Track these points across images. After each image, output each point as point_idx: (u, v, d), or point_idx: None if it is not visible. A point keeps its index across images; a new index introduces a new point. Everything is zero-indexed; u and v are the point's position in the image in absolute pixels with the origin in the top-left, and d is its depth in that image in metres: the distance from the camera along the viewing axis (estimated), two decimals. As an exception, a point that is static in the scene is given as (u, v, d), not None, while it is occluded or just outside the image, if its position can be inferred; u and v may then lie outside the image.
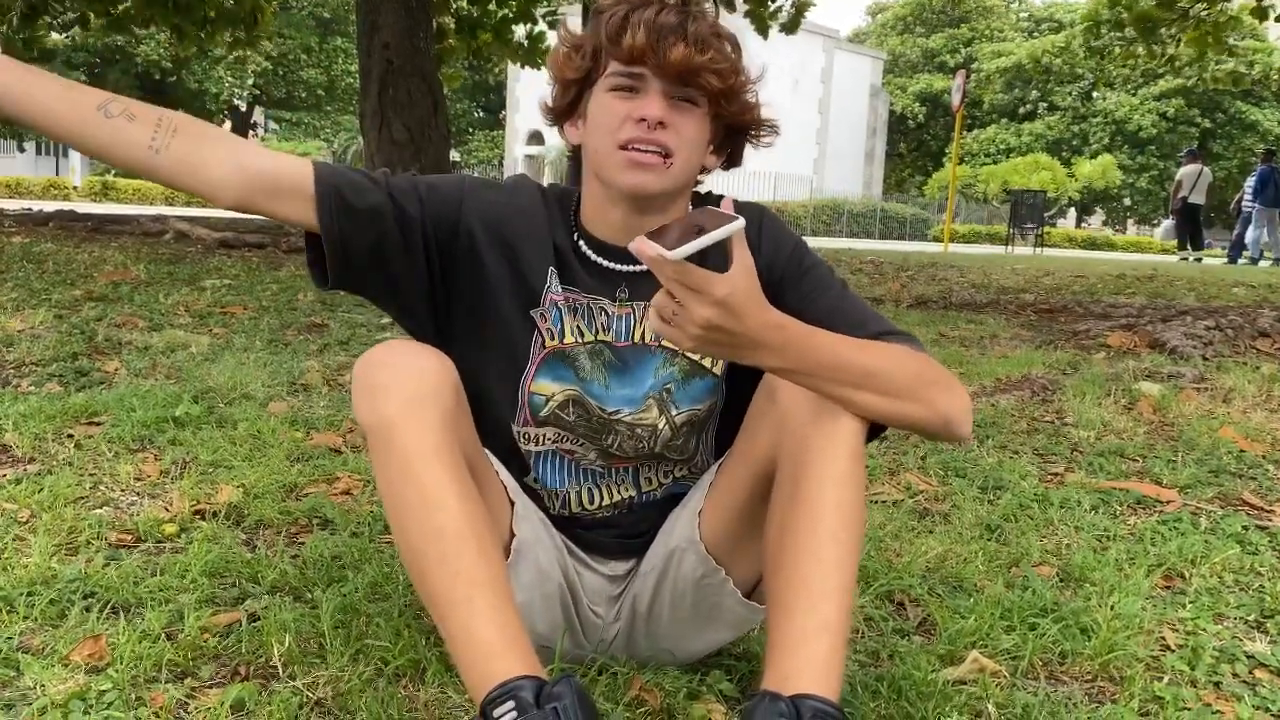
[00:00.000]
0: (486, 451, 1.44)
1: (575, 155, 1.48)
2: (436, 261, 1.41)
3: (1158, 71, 32.14)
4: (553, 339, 1.44)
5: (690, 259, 1.10)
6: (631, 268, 1.44)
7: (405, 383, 1.22)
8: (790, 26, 10.58)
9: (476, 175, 1.50)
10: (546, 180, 1.51)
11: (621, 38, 1.34)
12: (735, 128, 1.45)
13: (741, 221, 1.13)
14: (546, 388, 1.45)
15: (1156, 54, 10.71)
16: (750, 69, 1.41)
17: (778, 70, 31.22)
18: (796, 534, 1.24)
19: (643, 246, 1.10)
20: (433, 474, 1.19)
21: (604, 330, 1.45)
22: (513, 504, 1.43)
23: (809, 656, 1.17)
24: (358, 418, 1.25)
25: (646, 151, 1.34)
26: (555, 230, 1.45)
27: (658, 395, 1.46)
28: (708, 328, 1.13)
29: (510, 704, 1.09)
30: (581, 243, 1.46)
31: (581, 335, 1.45)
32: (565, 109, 1.46)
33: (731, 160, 1.49)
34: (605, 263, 1.45)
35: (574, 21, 1.49)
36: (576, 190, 1.49)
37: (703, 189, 1.51)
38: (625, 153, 1.34)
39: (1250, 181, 16.98)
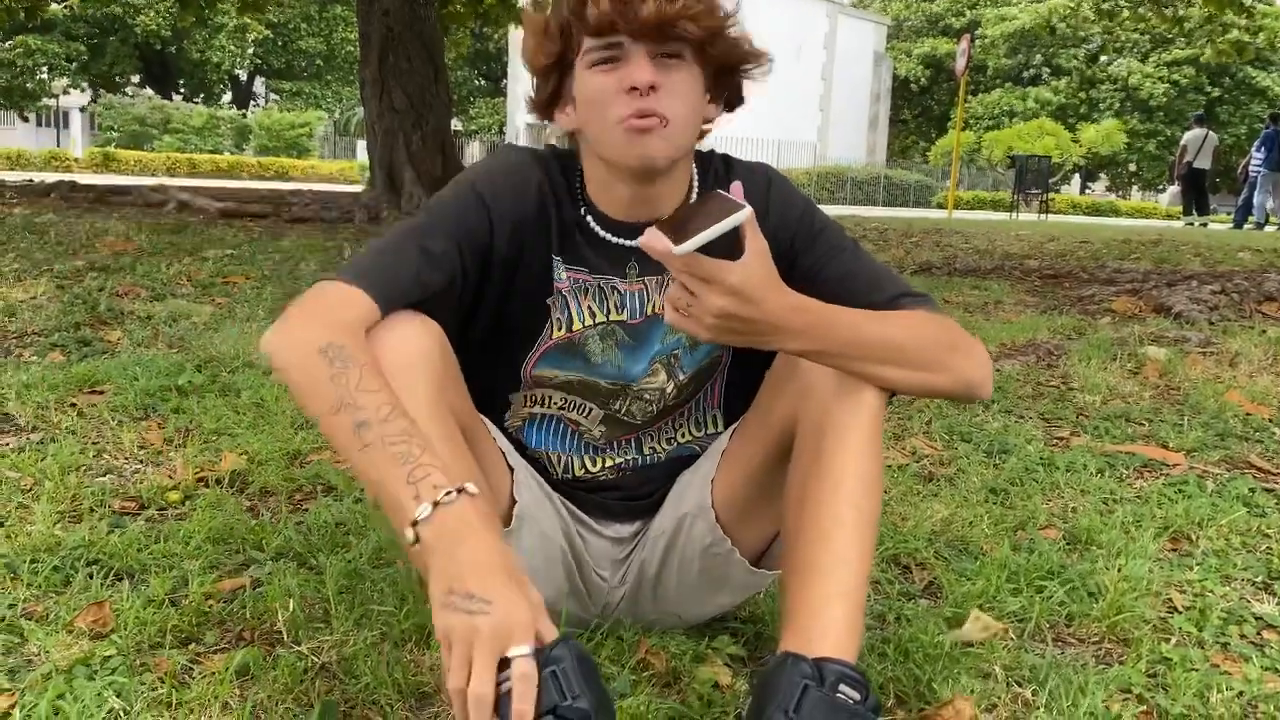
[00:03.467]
0: (485, 419, 1.43)
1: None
2: (475, 284, 1.36)
3: (1167, 36, 31.87)
4: (560, 329, 1.41)
5: (699, 248, 1.08)
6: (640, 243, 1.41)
7: (391, 348, 1.20)
8: None
9: (480, 170, 1.40)
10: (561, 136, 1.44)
11: (585, 9, 1.27)
12: (726, 69, 1.38)
13: (748, 210, 1.11)
14: (549, 373, 1.44)
15: (1166, 17, 10.60)
16: (725, 3, 1.34)
17: (780, 37, 30.96)
18: (819, 501, 1.23)
19: (651, 241, 1.09)
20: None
21: (617, 310, 1.42)
22: (512, 470, 1.42)
23: (830, 620, 1.17)
24: None
25: (645, 119, 1.27)
26: (560, 208, 1.40)
27: (665, 360, 1.44)
28: (723, 316, 1.12)
29: (508, 671, 1.08)
30: (590, 219, 1.40)
31: (594, 316, 1.42)
32: (550, 98, 1.38)
33: (731, 102, 1.42)
34: (614, 239, 1.40)
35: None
36: (578, 158, 1.42)
37: (708, 148, 1.48)
38: (623, 125, 1.28)
39: (1257, 146, 16.86)
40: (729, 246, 1.12)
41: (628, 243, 1.40)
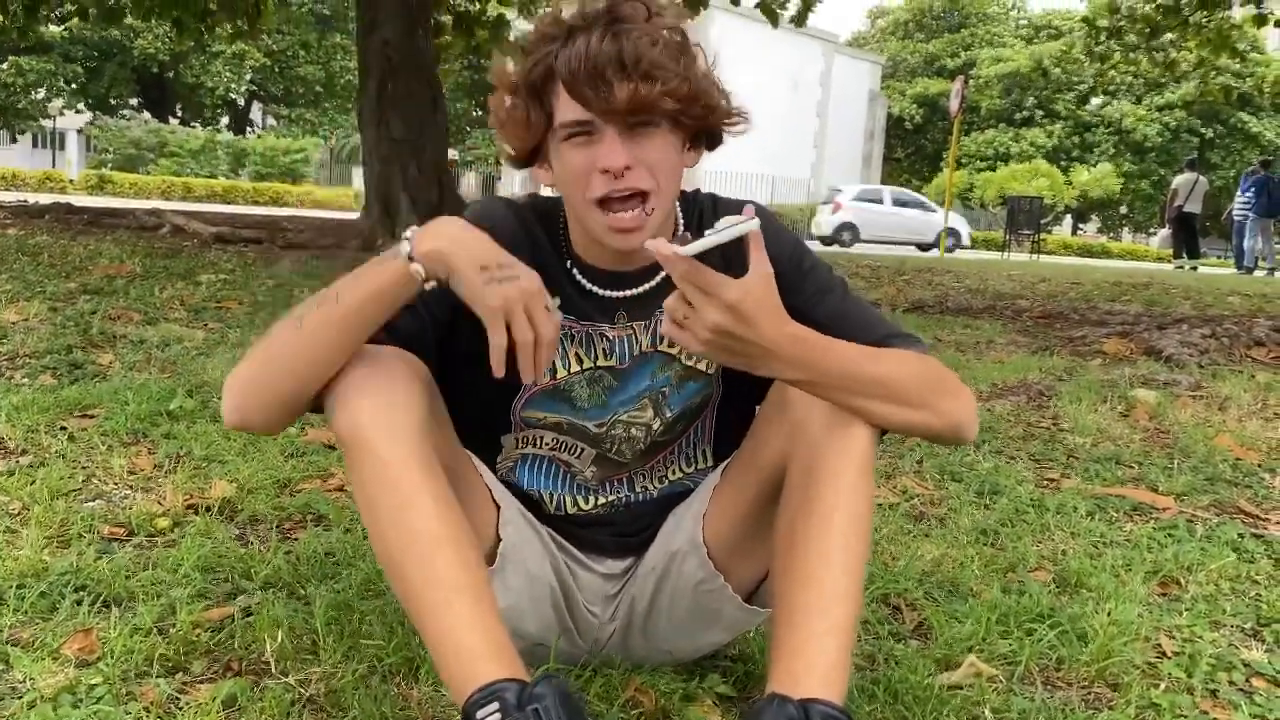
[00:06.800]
0: (472, 456, 1.42)
1: None
2: (446, 325, 1.36)
3: (1160, 80, 32.18)
4: (544, 375, 1.41)
5: (709, 263, 1.09)
6: (628, 293, 1.41)
7: (377, 390, 1.20)
8: (799, 20, 10.66)
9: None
10: (545, 186, 1.44)
11: (556, 87, 1.26)
12: (704, 127, 1.36)
13: (757, 222, 1.11)
14: (538, 414, 1.44)
15: (1158, 61, 10.73)
16: (700, 55, 1.30)
17: (777, 73, 31.22)
18: (807, 539, 1.23)
19: (658, 245, 1.09)
20: (408, 479, 1.18)
21: (605, 355, 1.42)
22: (499, 508, 1.42)
23: (817, 658, 1.17)
24: (331, 427, 1.22)
25: (624, 210, 1.27)
26: (543, 258, 1.38)
27: (653, 396, 1.45)
28: (717, 332, 1.11)
29: (494, 705, 1.07)
30: (575, 271, 1.41)
31: (580, 362, 1.42)
32: (528, 157, 1.37)
33: (710, 144, 1.40)
34: (602, 292, 1.41)
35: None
36: (561, 208, 1.42)
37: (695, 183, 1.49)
38: (604, 215, 1.28)
39: (1243, 188, 16.96)
40: (733, 265, 1.13)
41: (616, 294, 1.41)
